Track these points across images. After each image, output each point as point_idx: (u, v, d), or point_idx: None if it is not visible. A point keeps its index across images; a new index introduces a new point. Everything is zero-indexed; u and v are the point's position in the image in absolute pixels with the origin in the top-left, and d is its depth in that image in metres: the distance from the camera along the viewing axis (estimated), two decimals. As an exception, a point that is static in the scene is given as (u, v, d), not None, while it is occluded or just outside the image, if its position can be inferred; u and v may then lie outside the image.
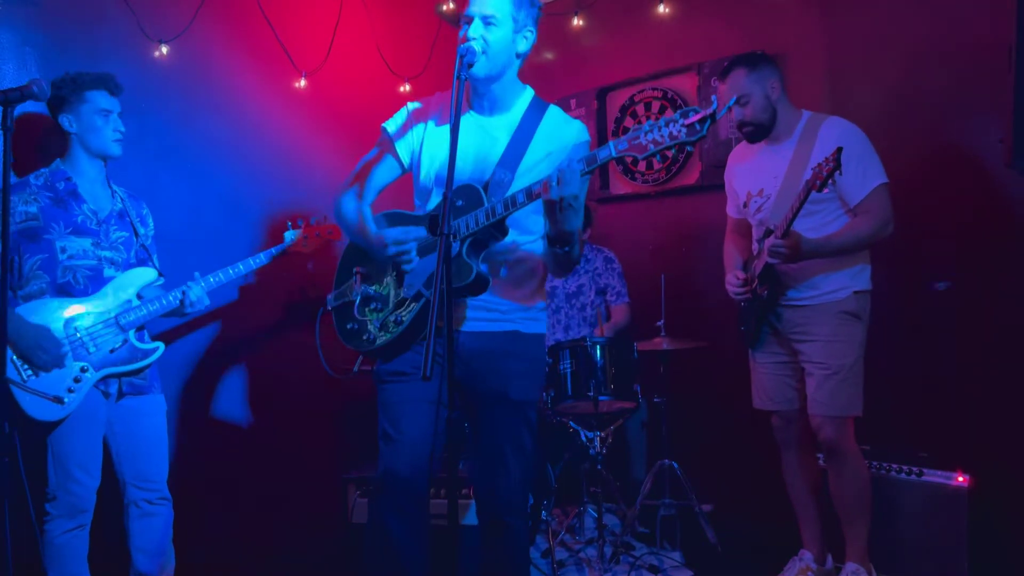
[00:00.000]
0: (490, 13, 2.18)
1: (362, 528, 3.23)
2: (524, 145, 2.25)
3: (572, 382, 3.37)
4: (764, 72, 2.96)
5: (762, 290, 2.97)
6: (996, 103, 3.15)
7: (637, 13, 4.37)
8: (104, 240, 2.74)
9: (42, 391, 2.53)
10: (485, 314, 2.27)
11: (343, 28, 4.01)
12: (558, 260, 2.19)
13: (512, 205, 2.08)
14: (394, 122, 2.41)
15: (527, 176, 2.20)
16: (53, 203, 2.66)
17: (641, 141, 1.94)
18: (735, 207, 3.25)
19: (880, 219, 2.81)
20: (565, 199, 1.95)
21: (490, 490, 2.33)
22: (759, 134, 3.01)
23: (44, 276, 2.62)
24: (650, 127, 1.93)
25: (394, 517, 2.22)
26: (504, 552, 2.35)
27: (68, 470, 2.59)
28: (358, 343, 2.34)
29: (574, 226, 2.03)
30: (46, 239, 2.62)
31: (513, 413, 2.30)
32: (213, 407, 3.57)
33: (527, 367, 2.34)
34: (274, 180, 3.79)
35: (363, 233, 2.32)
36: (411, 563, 2.24)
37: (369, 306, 2.32)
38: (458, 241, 2.13)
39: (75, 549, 2.65)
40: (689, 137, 1.89)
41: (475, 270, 2.12)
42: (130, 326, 2.70)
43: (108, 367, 2.65)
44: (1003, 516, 3.05)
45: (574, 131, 2.29)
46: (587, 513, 3.77)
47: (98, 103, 2.72)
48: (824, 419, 2.88)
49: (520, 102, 2.32)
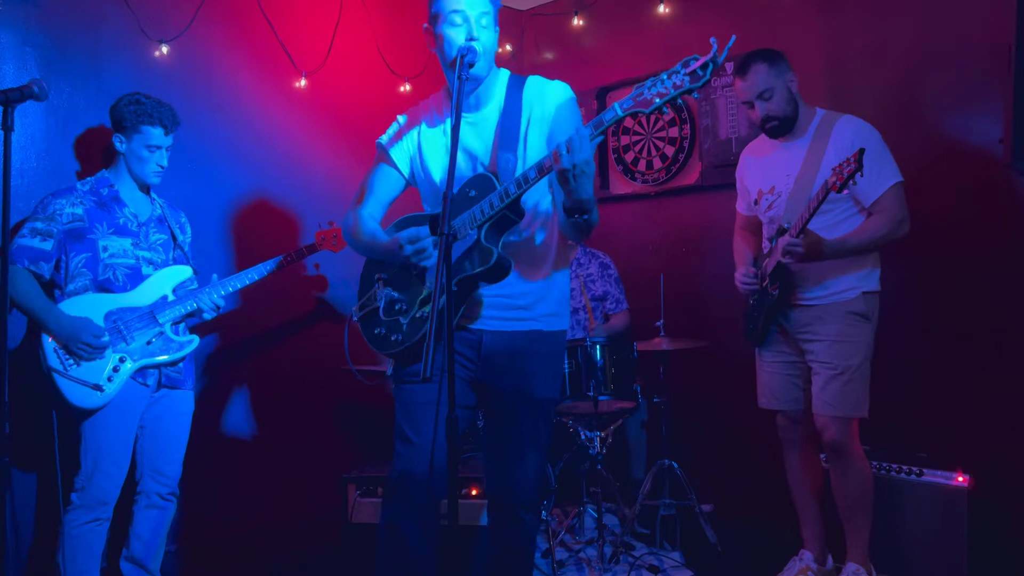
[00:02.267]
0: (480, 12, 2.17)
1: (362, 528, 3.24)
2: (516, 122, 2.24)
3: (572, 382, 3.37)
4: (782, 66, 2.94)
5: (773, 288, 2.96)
6: (996, 103, 3.16)
7: (637, 13, 4.37)
8: (143, 241, 2.90)
9: (83, 379, 2.69)
10: (507, 312, 2.26)
11: (343, 28, 4.01)
12: (578, 227, 2.17)
13: (525, 183, 2.06)
14: (387, 135, 2.41)
15: (530, 152, 2.19)
16: (97, 206, 2.83)
17: (646, 96, 1.92)
18: (746, 204, 3.25)
19: (896, 218, 2.80)
20: (578, 166, 1.94)
21: (507, 485, 2.33)
22: (783, 128, 2.97)
23: (88, 273, 2.78)
24: (653, 82, 1.91)
25: (408, 520, 2.21)
26: (515, 545, 2.37)
27: (98, 461, 2.72)
28: (388, 346, 2.30)
29: (589, 192, 2.02)
30: (90, 238, 2.79)
31: (536, 412, 2.31)
32: (213, 407, 3.57)
33: (549, 366, 2.35)
34: (274, 180, 3.79)
35: (375, 245, 2.31)
36: (423, 566, 2.23)
37: (395, 308, 2.30)
38: (476, 229, 2.13)
39: (90, 544, 2.73)
40: (693, 84, 1.87)
41: (496, 253, 2.11)
42: (165, 321, 2.86)
43: (145, 358, 2.81)
44: (1003, 516, 3.04)
45: (555, 90, 2.29)
46: (587, 513, 3.76)
47: (150, 139, 2.86)
48: (829, 419, 2.87)
49: (499, 86, 2.31)
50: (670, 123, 4.34)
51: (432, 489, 2.23)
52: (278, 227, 3.82)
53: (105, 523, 2.77)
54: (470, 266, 2.14)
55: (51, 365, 2.67)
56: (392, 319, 2.29)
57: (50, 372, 2.67)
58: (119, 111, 2.83)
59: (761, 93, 2.92)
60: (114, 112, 2.85)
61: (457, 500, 1.90)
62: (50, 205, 2.76)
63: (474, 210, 2.14)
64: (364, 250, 2.40)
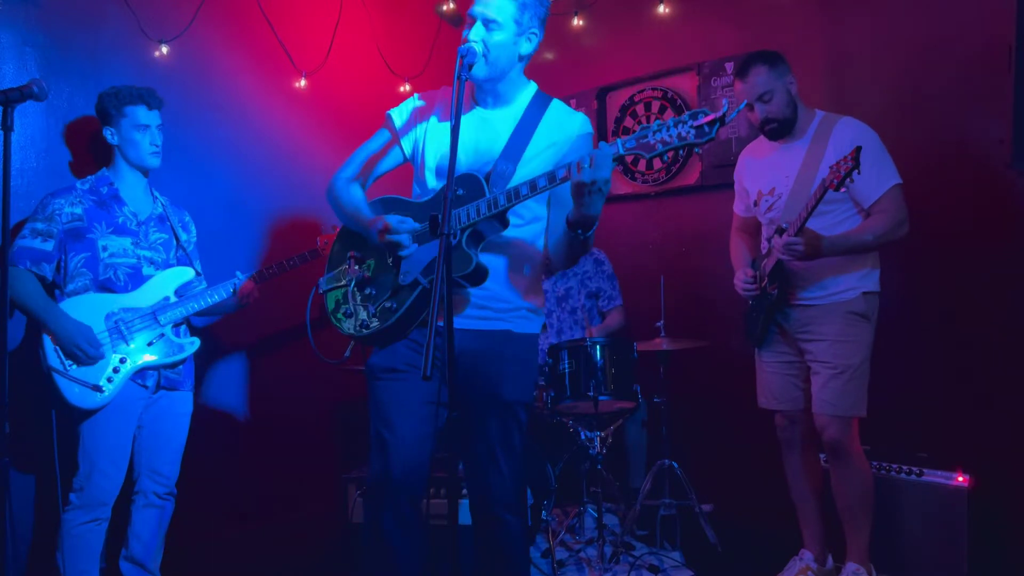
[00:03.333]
0: (492, 16, 2.17)
1: (362, 528, 3.24)
2: (527, 137, 2.24)
3: (572, 382, 3.37)
4: (782, 68, 2.94)
5: (772, 289, 2.96)
6: (996, 103, 3.16)
7: (637, 13, 4.37)
8: (143, 240, 2.90)
9: (82, 379, 2.69)
10: (479, 311, 2.25)
11: (343, 28, 4.01)
12: (573, 244, 2.18)
13: (515, 197, 2.07)
14: (400, 112, 2.40)
15: (529, 167, 2.20)
16: (96, 205, 2.83)
17: (649, 140, 1.94)
18: (744, 205, 3.25)
19: (895, 219, 2.80)
20: (597, 183, 1.96)
21: (484, 489, 2.31)
22: (783, 130, 2.98)
23: (87, 273, 2.77)
24: (658, 127, 1.92)
25: (390, 519, 2.21)
26: (499, 548, 2.33)
27: (96, 462, 2.72)
28: (349, 328, 2.30)
29: (598, 211, 2.04)
30: (89, 238, 2.78)
31: (504, 414, 2.27)
32: (213, 407, 3.58)
33: (519, 368, 2.31)
34: (274, 180, 3.79)
35: (357, 217, 2.30)
36: (407, 565, 2.23)
37: (363, 291, 2.29)
38: (458, 230, 2.13)
39: (89, 544, 2.74)
40: (698, 139, 1.89)
41: (475, 260, 2.12)
42: (167, 322, 2.86)
43: (145, 359, 2.81)
44: (1003, 516, 3.05)
45: (577, 123, 2.30)
46: (587, 513, 3.76)
47: (137, 118, 2.86)
48: (829, 419, 2.87)
49: (523, 96, 2.32)
50: (670, 123, 4.33)
51: (412, 487, 2.22)
52: (278, 227, 3.82)
53: (104, 523, 2.77)
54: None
55: (51, 364, 2.67)
56: (358, 303, 2.28)
57: (50, 371, 2.67)
58: (101, 104, 2.87)
59: (761, 95, 2.93)
60: (98, 108, 2.88)
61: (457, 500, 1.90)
62: (49, 205, 2.76)
63: (459, 211, 2.14)
64: (344, 217, 2.39)
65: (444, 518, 3.14)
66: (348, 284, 2.32)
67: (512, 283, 2.29)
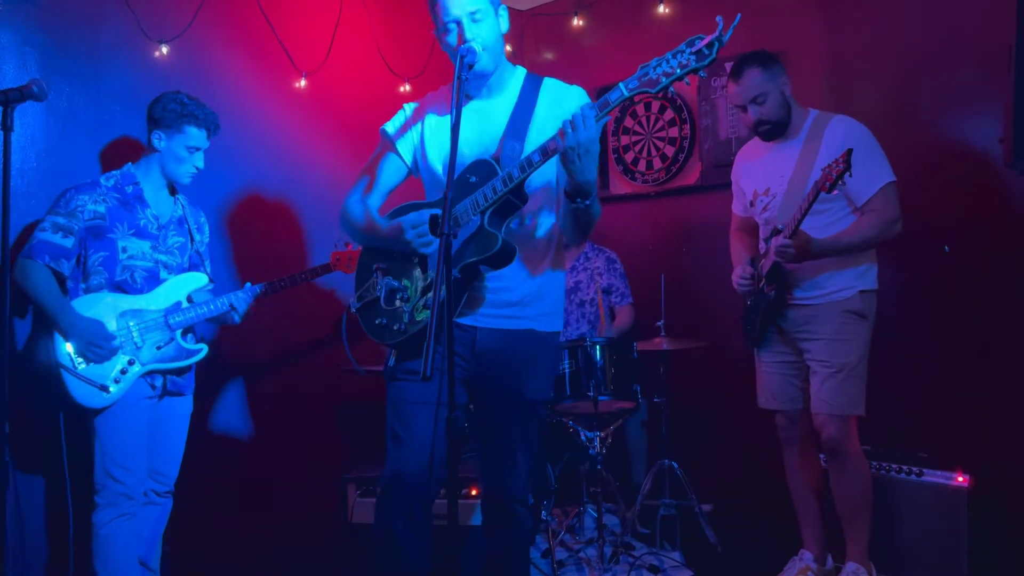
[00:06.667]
0: (474, 8, 2.17)
1: (362, 528, 3.24)
2: (528, 115, 2.25)
3: (572, 382, 3.37)
4: (776, 70, 2.95)
5: (769, 289, 2.97)
6: (996, 103, 3.15)
7: (637, 13, 4.37)
8: (162, 244, 2.88)
9: (90, 379, 2.68)
10: (503, 310, 2.25)
11: (343, 28, 4.00)
12: (577, 216, 2.17)
13: (528, 166, 2.06)
14: (393, 123, 2.41)
15: (536, 143, 2.19)
16: (120, 204, 2.80)
17: (651, 76, 1.93)
18: (741, 206, 3.25)
19: (887, 218, 2.80)
20: (582, 144, 1.95)
21: (499, 481, 2.35)
22: (776, 132, 2.99)
23: (104, 272, 2.75)
24: (658, 62, 1.92)
25: (400, 520, 2.22)
26: (509, 536, 2.38)
27: (114, 460, 2.71)
28: (390, 336, 2.27)
29: (592, 175, 2.03)
30: (109, 238, 2.76)
31: (527, 412, 2.32)
32: (213, 406, 3.57)
33: (542, 367, 2.36)
34: (274, 180, 3.79)
35: (374, 231, 2.30)
36: (415, 566, 2.23)
37: (396, 297, 2.28)
38: (479, 214, 2.12)
39: (120, 541, 2.71)
40: (699, 63, 1.88)
41: (500, 239, 2.10)
42: (178, 326, 2.84)
43: (154, 363, 2.79)
44: (1003, 516, 3.05)
45: (574, 95, 2.31)
46: (587, 513, 3.77)
47: (191, 139, 2.84)
48: (827, 418, 2.88)
49: (514, 81, 2.33)
50: (670, 123, 4.34)
51: (425, 489, 2.23)
52: (278, 227, 3.82)
53: (132, 518, 2.74)
54: (473, 252, 2.13)
55: (60, 361, 2.65)
56: (393, 308, 2.27)
57: (58, 368, 2.65)
58: (162, 108, 2.79)
59: (755, 98, 2.94)
60: (155, 109, 2.81)
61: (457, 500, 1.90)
62: (73, 200, 2.72)
63: (476, 195, 2.13)
64: (362, 238, 2.39)
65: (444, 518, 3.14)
66: (379, 295, 2.31)
67: (537, 258, 2.29)
